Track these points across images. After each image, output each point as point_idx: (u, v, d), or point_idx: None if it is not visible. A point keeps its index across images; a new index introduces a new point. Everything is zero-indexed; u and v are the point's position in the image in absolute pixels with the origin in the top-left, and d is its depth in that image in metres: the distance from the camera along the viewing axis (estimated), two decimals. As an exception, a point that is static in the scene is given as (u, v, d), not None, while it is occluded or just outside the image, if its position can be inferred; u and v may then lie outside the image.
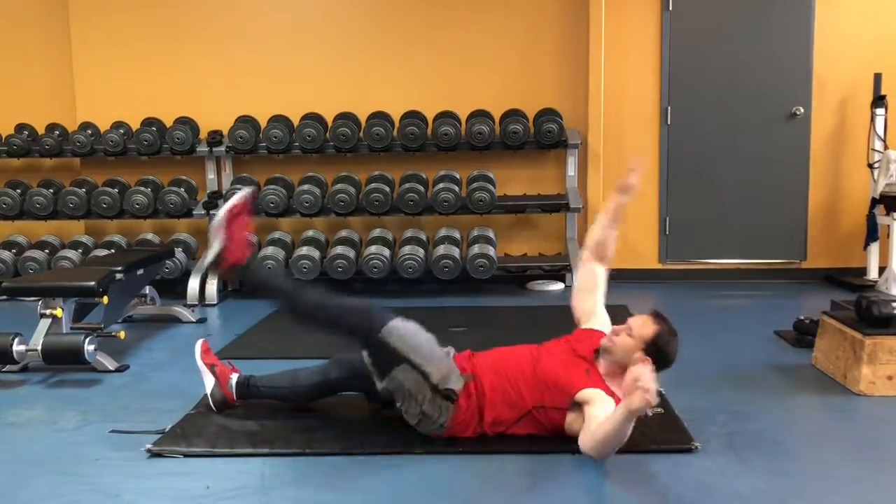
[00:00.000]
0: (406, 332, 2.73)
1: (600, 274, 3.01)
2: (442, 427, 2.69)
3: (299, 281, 2.94)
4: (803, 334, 3.96)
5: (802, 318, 4.03)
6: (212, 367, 3.03)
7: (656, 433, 2.74)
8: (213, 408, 2.99)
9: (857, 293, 3.69)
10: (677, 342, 2.69)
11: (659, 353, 2.61)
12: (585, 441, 2.47)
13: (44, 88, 6.11)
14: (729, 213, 5.79)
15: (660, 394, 3.12)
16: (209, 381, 3.01)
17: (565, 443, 2.65)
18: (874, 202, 5.40)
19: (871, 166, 5.46)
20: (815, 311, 3.87)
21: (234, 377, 3.03)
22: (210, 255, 3.00)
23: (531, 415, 2.68)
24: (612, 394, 2.61)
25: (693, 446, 2.64)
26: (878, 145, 5.42)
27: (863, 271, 5.51)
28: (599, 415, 2.49)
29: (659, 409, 2.95)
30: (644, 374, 2.25)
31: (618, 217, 2.98)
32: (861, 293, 3.48)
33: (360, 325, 2.76)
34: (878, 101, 5.42)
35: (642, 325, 2.67)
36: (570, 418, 2.64)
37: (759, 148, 5.74)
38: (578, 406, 2.60)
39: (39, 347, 3.55)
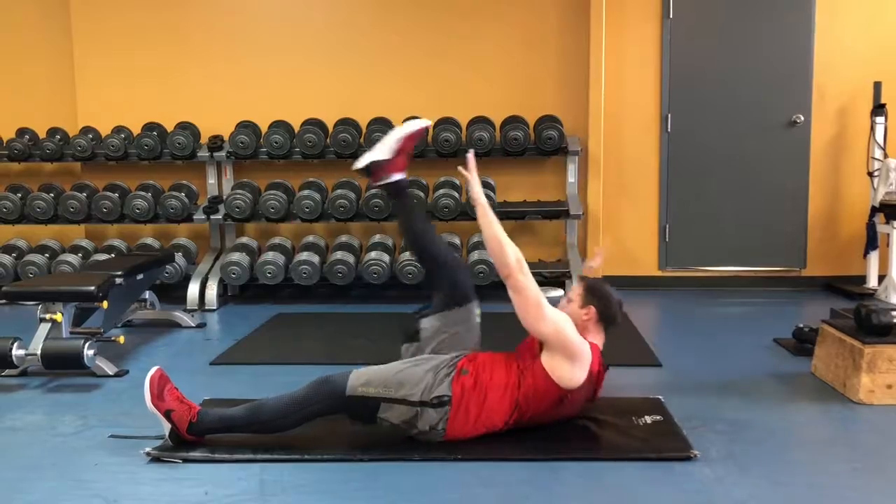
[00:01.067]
0: (366, 376, 2.70)
1: None
2: (440, 433, 2.69)
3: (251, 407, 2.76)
4: (802, 342, 3.96)
5: (802, 326, 4.03)
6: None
7: (655, 441, 2.74)
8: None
9: (856, 301, 3.69)
10: (608, 287, 2.94)
11: (596, 296, 2.87)
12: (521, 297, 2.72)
13: (45, 92, 6.12)
14: (729, 221, 5.80)
15: (659, 402, 3.14)
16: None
17: (565, 450, 2.67)
18: (874, 210, 5.40)
19: (870, 175, 5.47)
20: (815, 319, 3.87)
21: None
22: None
23: (521, 383, 2.71)
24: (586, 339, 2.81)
25: (692, 454, 2.64)
26: (878, 154, 5.43)
27: (862, 279, 5.52)
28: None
29: (658, 417, 2.96)
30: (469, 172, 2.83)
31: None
32: (860, 301, 3.48)
33: (327, 401, 2.68)
34: (878, 109, 5.43)
35: (575, 287, 2.97)
36: (545, 356, 2.71)
37: (759, 155, 5.75)
38: (547, 348, 2.72)
39: (39, 352, 3.55)
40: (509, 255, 2.74)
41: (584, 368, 2.72)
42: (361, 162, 3.01)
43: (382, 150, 2.98)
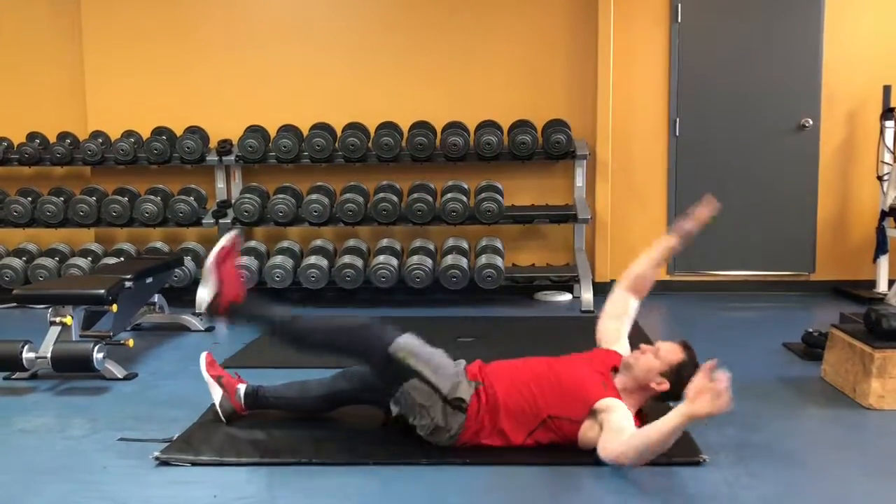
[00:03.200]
0: (414, 346, 2.73)
1: (632, 305, 3.08)
2: (453, 437, 2.69)
3: (294, 314, 2.93)
4: (812, 347, 3.94)
5: (811, 330, 4.02)
6: (218, 379, 3.03)
7: (664, 446, 2.73)
8: (223, 419, 2.99)
9: (866, 306, 3.68)
10: (694, 371, 2.66)
11: (678, 381, 2.64)
12: (614, 449, 2.47)
13: (56, 97, 6.16)
14: (737, 225, 5.78)
15: (667, 406, 3.12)
16: (217, 393, 3.01)
17: (572, 454, 2.65)
18: (883, 215, 5.38)
19: (880, 178, 5.45)
20: (824, 323, 3.86)
21: (242, 387, 3.03)
22: (205, 299, 2.96)
23: (546, 424, 2.66)
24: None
25: (701, 459, 2.63)
26: (888, 157, 5.41)
27: (872, 284, 5.49)
28: (623, 423, 2.50)
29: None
30: (719, 380, 2.23)
31: (665, 257, 3.08)
32: (870, 306, 3.46)
33: (367, 343, 2.75)
34: (888, 113, 5.41)
35: (671, 351, 2.72)
36: (585, 427, 2.63)
37: (768, 160, 5.73)
38: (594, 415, 2.61)
39: (49, 355, 3.56)
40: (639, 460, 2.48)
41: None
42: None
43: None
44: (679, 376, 2.66)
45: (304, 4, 6.01)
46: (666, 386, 2.69)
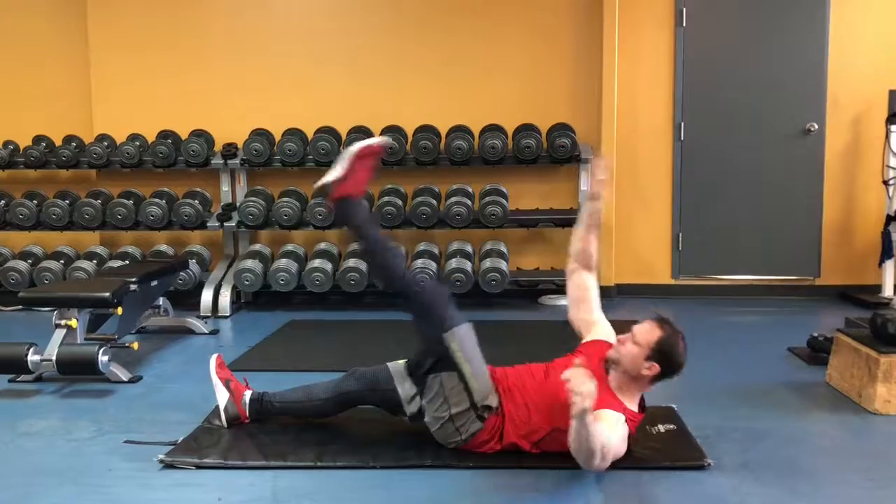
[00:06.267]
0: (467, 341, 2.71)
1: (589, 282, 2.99)
2: (464, 441, 2.69)
3: (391, 243, 2.92)
4: (817, 352, 3.93)
5: (816, 335, 4.01)
6: (227, 382, 3.02)
7: (669, 450, 2.73)
8: (224, 423, 2.98)
9: (871, 311, 3.67)
10: (684, 345, 2.64)
11: (666, 357, 2.59)
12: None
13: (61, 101, 6.18)
14: (742, 230, 5.78)
15: (672, 410, 3.12)
16: (223, 396, 3.00)
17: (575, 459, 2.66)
18: (889, 219, 5.37)
19: (885, 183, 5.44)
20: (830, 328, 3.85)
21: (248, 394, 3.03)
22: (325, 178, 2.90)
23: (551, 435, 2.65)
24: (623, 409, 2.60)
25: (706, 463, 2.63)
26: (893, 162, 5.39)
27: (877, 289, 5.48)
28: (603, 430, 2.44)
29: (671, 426, 2.95)
30: (573, 376, 2.23)
31: (593, 223, 2.99)
32: (876, 311, 3.45)
33: (434, 313, 2.73)
34: (893, 117, 5.40)
35: (647, 331, 2.63)
36: None
37: (773, 164, 5.73)
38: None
39: (54, 357, 3.57)
40: (596, 462, 2.40)
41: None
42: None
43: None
44: (664, 352, 2.59)
45: (308, 9, 6.02)
46: (657, 368, 2.59)
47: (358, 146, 2.88)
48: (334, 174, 2.87)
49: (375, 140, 2.96)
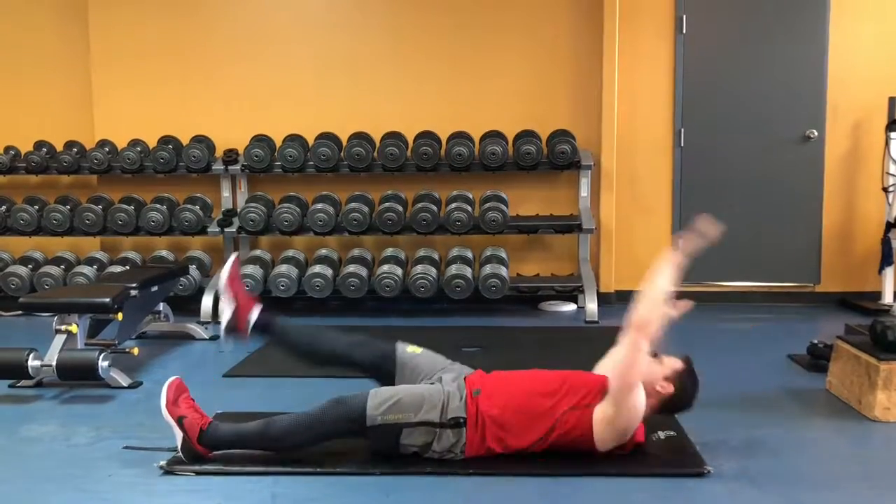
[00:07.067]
0: (386, 400, 2.66)
1: None
2: (459, 455, 2.67)
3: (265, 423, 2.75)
4: (817, 358, 3.93)
5: (816, 342, 4.01)
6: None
7: (668, 457, 2.73)
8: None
9: (871, 318, 3.67)
10: (698, 389, 2.78)
11: (681, 388, 2.72)
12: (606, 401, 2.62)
13: (63, 106, 6.19)
14: (742, 236, 5.77)
15: (672, 417, 3.12)
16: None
17: (578, 466, 2.65)
18: (889, 226, 5.37)
19: (885, 190, 5.44)
20: (829, 335, 3.85)
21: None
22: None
23: (558, 424, 2.64)
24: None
25: (705, 470, 2.63)
26: (893, 169, 5.40)
27: (877, 296, 5.48)
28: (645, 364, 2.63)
29: (671, 433, 2.95)
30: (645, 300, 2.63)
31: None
32: (876, 318, 3.45)
33: (347, 421, 2.67)
34: (893, 124, 5.40)
35: (673, 361, 2.78)
36: (599, 411, 2.64)
37: (773, 171, 5.73)
38: (606, 403, 2.64)
39: (54, 363, 3.57)
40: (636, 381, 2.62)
41: (620, 441, 2.67)
42: (222, 333, 3.01)
43: (225, 310, 2.96)
44: (682, 381, 2.71)
45: (310, 15, 6.03)
46: (671, 389, 2.70)
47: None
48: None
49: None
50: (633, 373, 2.58)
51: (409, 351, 2.93)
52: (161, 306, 4.76)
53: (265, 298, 5.62)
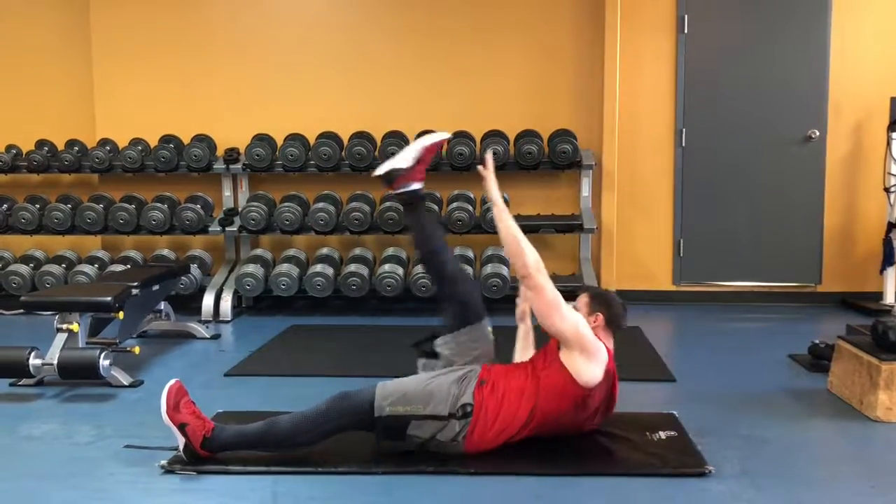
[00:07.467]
0: (393, 392, 2.69)
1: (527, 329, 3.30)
2: (460, 444, 2.69)
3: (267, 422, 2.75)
4: (818, 359, 3.93)
5: (817, 342, 4.01)
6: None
7: (669, 456, 2.73)
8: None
9: (873, 318, 3.67)
10: (612, 293, 3.05)
11: (606, 304, 2.90)
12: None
13: (64, 105, 6.20)
14: (743, 236, 5.78)
15: (673, 417, 3.12)
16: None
17: (577, 465, 2.66)
18: (890, 226, 5.37)
19: (887, 190, 5.44)
20: (831, 335, 3.85)
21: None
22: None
23: (539, 392, 2.73)
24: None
25: (706, 470, 2.62)
26: (894, 169, 5.40)
27: (879, 296, 5.47)
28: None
29: (672, 432, 2.95)
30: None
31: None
32: (877, 318, 3.45)
33: (354, 414, 2.68)
34: (894, 124, 5.40)
35: (580, 298, 2.97)
36: (563, 353, 2.75)
37: (774, 171, 5.73)
38: (564, 347, 2.76)
39: (55, 362, 3.57)
40: (527, 254, 2.76)
41: (600, 365, 2.74)
42: (382, 169, 3.01)
43: (404, 159, 2.98)
44: (598, 297, 2.94)
45: (311, 15, 6.03)
46: (601, 317, 2.86)
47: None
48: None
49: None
50: (523, 253, 2.75)
51: (489, 331, 3.02)
52: (162, 305, 4.77)
53: (267, 298, 5.64)
